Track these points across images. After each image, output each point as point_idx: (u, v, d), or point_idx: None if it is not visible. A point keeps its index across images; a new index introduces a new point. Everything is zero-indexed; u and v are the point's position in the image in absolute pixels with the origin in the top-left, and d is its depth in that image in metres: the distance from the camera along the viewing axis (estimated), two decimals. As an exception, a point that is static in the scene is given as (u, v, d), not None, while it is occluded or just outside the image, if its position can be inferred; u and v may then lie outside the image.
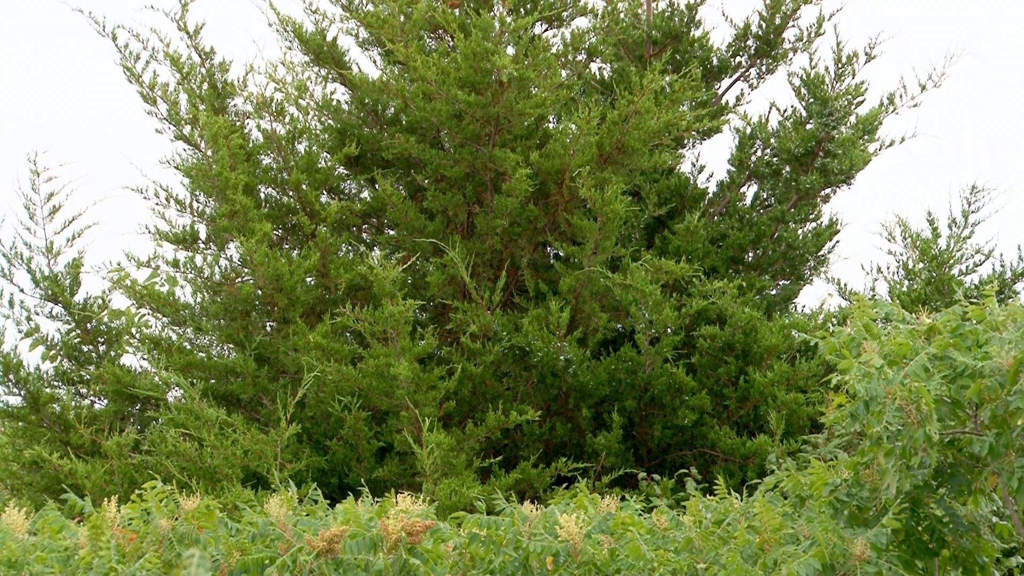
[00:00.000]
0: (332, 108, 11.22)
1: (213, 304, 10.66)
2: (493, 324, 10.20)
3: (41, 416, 10.45)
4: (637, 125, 10.45)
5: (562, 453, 10.12)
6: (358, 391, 9.79)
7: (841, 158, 11.27)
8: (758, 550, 6.84)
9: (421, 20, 10.71)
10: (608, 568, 6.84)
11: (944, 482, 6.95)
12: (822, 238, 11.53)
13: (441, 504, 8.61)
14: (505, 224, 10.45)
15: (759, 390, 10.15)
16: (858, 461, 7.18)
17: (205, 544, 6.96)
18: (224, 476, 9.28)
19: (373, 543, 6.87)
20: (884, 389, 6.80)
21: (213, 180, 10.40)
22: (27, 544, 7.02)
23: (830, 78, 11.43)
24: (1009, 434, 6.68)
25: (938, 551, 7.15)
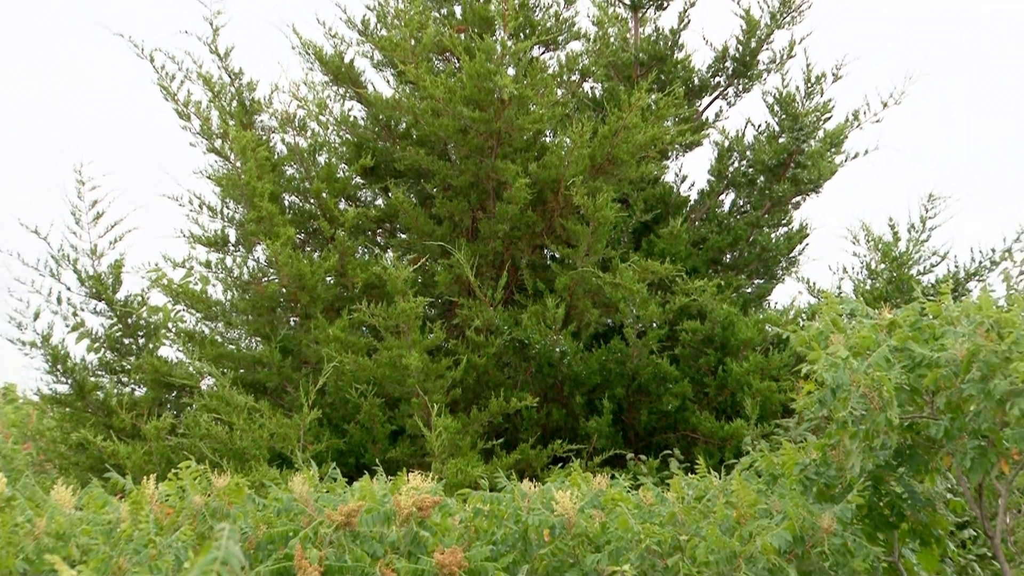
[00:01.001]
0: (349, 123, 11.21)
1: (242, 301, 10.66)
2: (495, 319, 10.20)
3: (86, 402, 10.45)
4: (625, 139, 10.45)
5: (558, 436, 10.13)
6: (373, 380, 9.79)
7: (810, 169, 11.26)
8: (735, 523, 6.84)
9: (430, 44, 10.72)
10: (599, 539, 6.84)
11: (903, 462, 6.96)
12: (793, 241, 11.53)
13: (448, 482, 8.61)
14: (506, 229, 10.45)
15: (736, 379, 10.16)
16: (825, 443, 7.18)
17: (235, 518, 6.96)
18: (252, 456, 9.29)
19: (387, 517, 6.87)
20: (849, 378, 6.81)
21: (242, 189, 10.40)
22: (74, 518, 7.03)
23: (800, 96, 11.43)
24: (962, 419, 6.69)
25: (898, 524, 7.16)
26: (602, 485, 7.46)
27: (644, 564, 6.63)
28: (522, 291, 10.76)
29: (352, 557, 6.64)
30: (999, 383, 6.51)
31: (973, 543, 7.74)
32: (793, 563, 6.73)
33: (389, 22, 11.18)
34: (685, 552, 6.72)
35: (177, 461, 8.54)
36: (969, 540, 7.75)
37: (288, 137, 11.12)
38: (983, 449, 6.67)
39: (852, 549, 6.88)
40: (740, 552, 6.68)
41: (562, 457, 9.80)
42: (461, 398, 10.02)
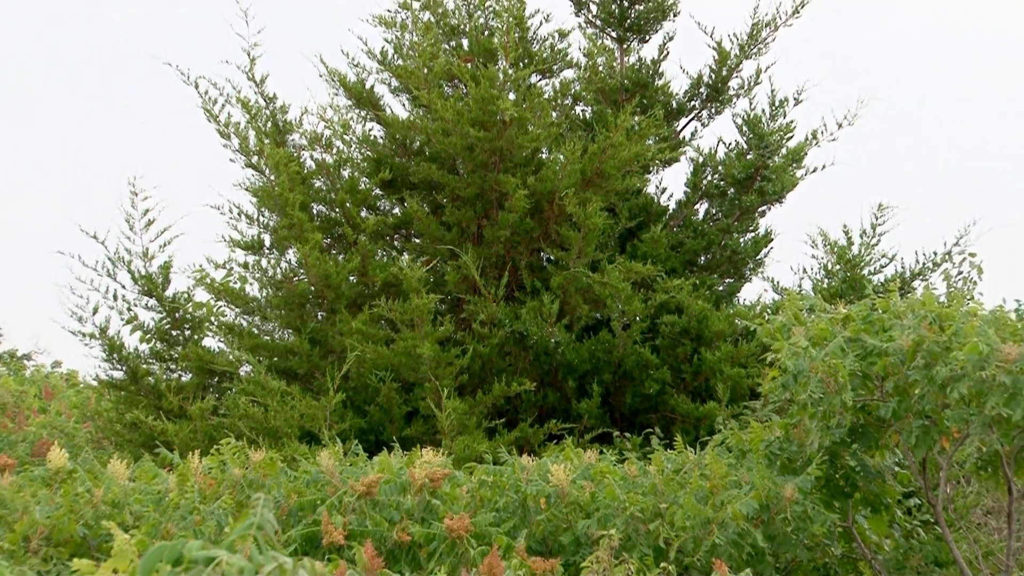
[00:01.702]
0: (370, 142, 11.22)
1: (275, 298, 10.66)
2: (498, 313, 10.21)
3: (139, 387, 10.46)
4: (612, 156, 10.46)
5: (553, 416, 10.13)
6: (390, 367, 9.80)
7: (774, 182, 11.26)
8: (708, 493, 6.85)
9: (440, 72, 10.72)
10: (589, 507, 6.84)
11: (856, 439, 6.96)
12: (759, 245, 11.52)
13: (456, 456, 8.62)
14: (507, 234, 10.46)
15: (709, 366, 10.16)
16: (788, 422, 7.19)
17: (269, 488, 6.97)
18: (284, 434, 9.30)
19: (403, 487, 6.88)
20: (809, 365, 6.81)
21: (275, 199, 10.40)
22: (127, 488, 7.04)
23: (765, 118, 11.41)
24: (908, 401, 6.70)
25: (852, 494, 7.17)
26: (592, 459, 7.47)
27: (629, 529, 6.64)
28: (521, 289, 10.76)
29: (372, 522, 6.65)
30: (940, 370, 6.52)
31: (918, 510, 7.74)
32: (759, 528, 6.74)
33: (405, 53, 11.18)
34: (664, 518, 6.72)
35: (218, 438, 8.53)
36: (914, 508, 7.76)
37: (316, 154, 11.13)
38: (926, 428, 6.68)
39: (811, 515, 6.89)
40: (713, 518, 6.69)
41: (556, 434, 9.81)
42: (468, 383, 10.03)
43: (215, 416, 9.79)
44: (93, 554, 6.36)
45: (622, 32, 11.86)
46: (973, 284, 11.18)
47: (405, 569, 6.28)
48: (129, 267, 10.54)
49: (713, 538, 6.59)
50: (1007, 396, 6.42)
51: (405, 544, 6.54)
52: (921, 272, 11.08)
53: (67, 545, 6.52)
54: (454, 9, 11.42)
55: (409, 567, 6.36)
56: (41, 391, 14.41)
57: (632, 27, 11.84)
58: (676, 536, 6.63)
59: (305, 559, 3.97)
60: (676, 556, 6.52)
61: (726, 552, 6.51)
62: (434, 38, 10.96)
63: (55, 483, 7.26)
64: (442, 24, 11.32)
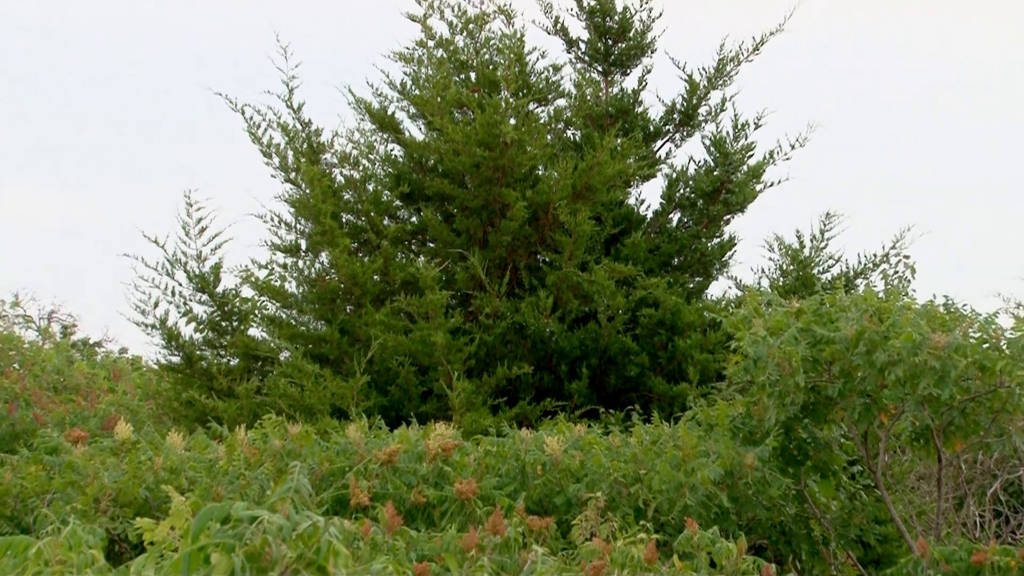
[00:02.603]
0: (391, 160, 11.20)
1: (310, 294, 10.66)
2: (500, 307, 10.20)
3: (193, 370, 10.46)
4: (598, 172, 10.45)
5: (547, 395, 10.11)
6: (409, 353, 9.79)
7: (737, 194, 11.24)
8: (681, 461, 6.84)
9: (451, 100, 10.70)
10: (579, 473, 6.84)
11: (808, 414, 6.96)
12: (724, 249, 11.49)
13: (465, 430, 8.60)
14: (508, 239, 10.45)
15: (682, 352, 10.15)
16: (749, 400, 7.19)
17: (304, 457, 6.97)
18: (318, 411, 9.29)
19: (419, 456, 6.87)
20: (767, 352, 6.81)
21: (310, 210, 10.40)
22: (183, 457, 7.04)
23: (730, 140, 11.39)
24: (852, 382, 6.70)
25: (803, 462, 7.16)
26: (581, 432, 7.46)
27: (613, 492, 6.63)
28: (521, 286, 10.75)
29: (393, 486, 6.65)
30: (879, 356, 6.52)
31: (860, 476, 7.74)
32: (725, 491, 6.73)
33: (421, 84, 11.16)
34: (643, 483, 6.71)
35: (261, 414, 8.53)
36: (857, 474, 7.76)
37: (345, 171, 11.10)
38: (868, 405, 6.68)
39: (769, 480, 6.88)
40: (685, 483, 6.68)
41: (551, 411, 9.79)
42: (475, 367, 10.02)
43: (258, 395, 9.78)
44: (154, 514, 6.35)
45: (607, 66, 11.84)
46: (907, 282, 11.18)
47: (421, 527, 6.27)
48: (185, 268, 10.54)
49: (685, 500, 6.59)
50: (937, 378, 6.43)
51: (421, 505, 6.54)
52: (863, 271, 11.07)
53: (131, 506, 6.52)
54: (463, 47, 11.39)
55: (424, 525, 6.35)
56: (110, 374, 14.41)
57: (615, 62, 11.82)
58: (653, 498, 6.62)
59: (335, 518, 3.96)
60: (653, 515, 6.51)
61: (696, 512, 6.51)
62: (446, 72, 10.95)
63: (121, 452, 7.26)
64: (452, 59, 11.29)
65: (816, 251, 11.02)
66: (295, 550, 3.28)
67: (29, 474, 6.83)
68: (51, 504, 6.49)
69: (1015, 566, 6.05)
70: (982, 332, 6.83)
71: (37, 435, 8.09)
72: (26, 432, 9.61)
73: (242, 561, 3.23)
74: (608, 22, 11.62)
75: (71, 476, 6.78)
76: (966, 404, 6.58)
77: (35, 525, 6.27)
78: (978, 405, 6.62)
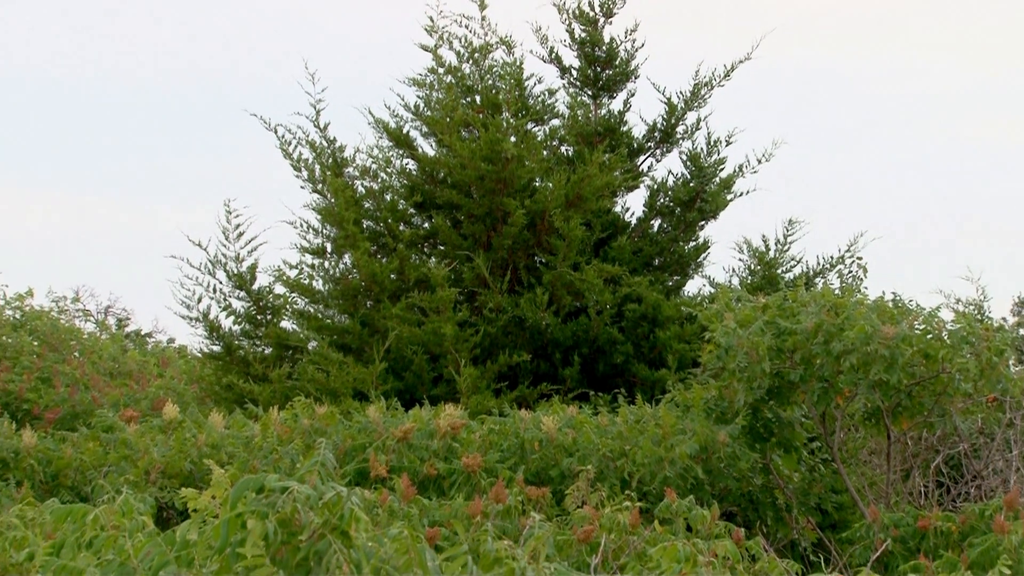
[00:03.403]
0: (405, 173, 11.18)
1: (334, 291, 10.64)
2: (502, 303, 10.19)
3: (232, 358, 10.45)
4: (588, 184, 10.44)
5: (544, 380, 10.09)
6: (421, 343, 9.78)
7: (711, 203, 11.21)
8: (661, 438, 6.83)
9: (459, 120, 10.68)
10: (571, 448, 6.83)
11: (773, 397, 6.95)
12: (699, 251, 11.46)
13: (471, 411, 8.59)
14: (509, 243, 10.43)
15: (662, 342, 10.13)
16: (721, 384, 7.17)
17: (330, 434, 6.96)
18: (341, 394, 9.28)
19: (431, 433, 6.87)
20: (737, 342, 6.80)
21: (334, 217, 10.38)
22: (223, 434, 7.04)
23: (704, 155, 11.34)
24: (812, 368, 6.69)
25: (769, 438, 7.15)
26: (573, 413, 7.45)
27: (601, 465, 6.62)
28: (520, 284, 10.74)
29: (407, 460, 6.64)
30: (835, 345, 6.51)
31: (819, 451, 7.73)
32: (700, 464, 6.73)
33: (432, 106, 11.13)
34: (628, 457, 6.71)
35: (292, 396, 8.52)
36: (816, 449, 7.75)
37: (365, 182, 11.07)
38: (825, 389, 6.68)
39: (739, 455, 6.88)
40: (664, 457, 6.67)
41: (547, 394, 9.78)
42: (480, 355, 10.00)
43: (289, 380, 9.78)
44: (197, 484, 6.34)
45: (595, 91, 11.81)
46: (860, 280, 11.18)
47: (432, 496, 6.26)
48: (225, 268, 10.53)
49: (665, 472, 6.59)
50: (886, 365, 6.42)
51: (432, 477, 6.54)
52: (821, 271, 11.05)
53: (177, 477, 6.52)
54: (469, 73, 11.36)
55: (435, 494, 6.35)
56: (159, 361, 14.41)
57: (603, 87, 11.79)
58: (637, 470, 6.62)
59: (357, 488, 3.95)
60: (637, 486, 6.51)
61: (675, 483, 6.50)
62: (454, 95, 10.92)
63: (169, 431, 7.26)
64: (460, 85, 11.26)
65: (780, 253, 11.00)
66: (321, 517, 3.27)
67: (87, 449, 6.84)
68: (107, 476, 6.50)
69: (955, 530, 6.05)
70: (926, 324, 6.84)
71: (95, 415, 8.09)
72: (85, 412, 9.62)
73: (274, 527, 3.23)
74: (596, 52, 11.60)
75: (124, 451, 6.78)
76: (912, 388, 6.59)
77: (92, 494, 6.26)
78: (922, 389, 6.62)
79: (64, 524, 4.26)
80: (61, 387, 10.53)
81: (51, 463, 6.61)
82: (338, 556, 3.22)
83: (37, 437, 6.76)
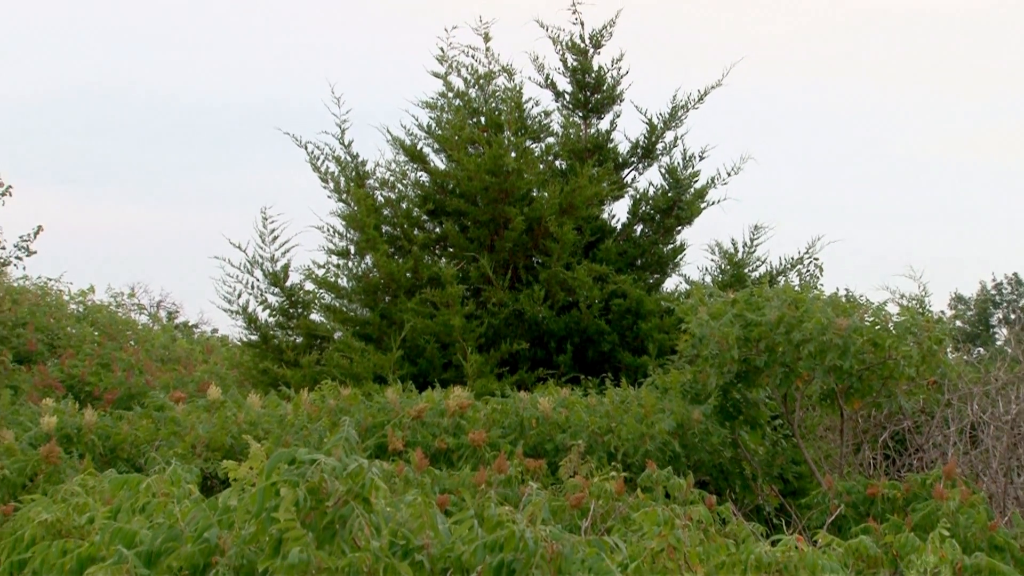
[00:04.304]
0: (419, 184, 11.15)
1: (357, 287, 10.62)
2: (504, 298, 10.17)
3: (267, 346, 10.43)
4: (579, 194, 10.42)
5: (540, 365, 10.08)
6: (433, 333, 9.77)
7: (686, 211, 11.18)
8: (643, 416, 6.83)
9: (466, 138, 10.66)
10: (564, 425, 6.82)
11: (741, 380, 6.93)
12: (676, 253, 11.42)
13: (476, 392, 8.58)
14: (510, 245, 10.42)
15: (644, 333, 10.12)
16: (695, 369, 7.16)
17: (353, 413, 6.96)
18: (363, 377, 9.27)
19: (441, 412, 6.87)
20: (709, 332, 6.79)
21: (357, 223, 10.37)
22: (260, 413, 7.03)
23: (680, 169, 11.31)
24: (775, 355, 6.67)
25: (737, 416, 7.14)
26: (566, 394, 7.45)
27: (590, 439, 6.62)
28: (519, 281, 10.72)
29: (421, 436, 6.64)
30: (795, 335, 6.50)
31: (781, 427, 7.72)
32: (677, 439, 6.72)
33: (442, 126, 11.09)
34: (614, 433, 6.71)
35: (320, 380, 8.52)
36: (779, 425, 7.74)
37: (384, 192, 11.05)
38: (786, 373, 6.66)
39: (711, 431, 6.88)
40: (646, 433, 6.67)
41: (543, 378, 9.76)
42: (484, 344, 9.99)
43: (317, 365, 9.76)
44: (237, 457, 6.34)
45: (586, 112, 11.77)
46: (817, 278, 11.17)
47: (443, 467, 6.26)
48: (261, 267, 10.51)
49: (646, 446, 6.58)
50: (840, 352, 6.42)
51: (443, 450, 6.53)
52: (783, 270, 11.03)
53: (219, 450, 6.51)
54: (475, 97, 11.34)
55: (445, 466, 6.35)
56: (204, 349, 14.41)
57: (592, 109, 11.76)
58: (622, 445, 6.61)
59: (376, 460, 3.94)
60: (622, 458, 6.50)
61: (655, 455, 6.50)
62: (461, 116, 10.90)
63: (212, 410, 7.25)
64: (467, 107, 11.23)
65: (747, 254, 10.98)
66: (345, 485, 3.27)
67: (141, 426, 6.83)
68: (158, 449, 6.49)
69: (900, 497, 6.06)
70: (874, 317, 6.84)
71: (148, 396, 8.09)
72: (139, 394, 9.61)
73: (304, 494, 3.22)
74: (587, 78, 11.57)
75: (173, 428, 6.77)
76: (862, 372, 6.58)
77: (146, 465, 6.26)
78: (871, 373, 6.61)
79: (120, 492, 4.26)
80: (118, 372, 10.53)
81: (109, 438, 6.60)
82: (360, 520, 3.22)
83: (97, 415, 6.76)
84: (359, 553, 3.16)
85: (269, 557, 3.17)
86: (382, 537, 3.27)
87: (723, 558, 4.03)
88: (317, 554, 3.13)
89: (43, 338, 11.88)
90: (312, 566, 3.10)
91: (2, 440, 5.98)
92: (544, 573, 3.20)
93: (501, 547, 3.29)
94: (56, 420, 6.42)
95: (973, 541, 5.29)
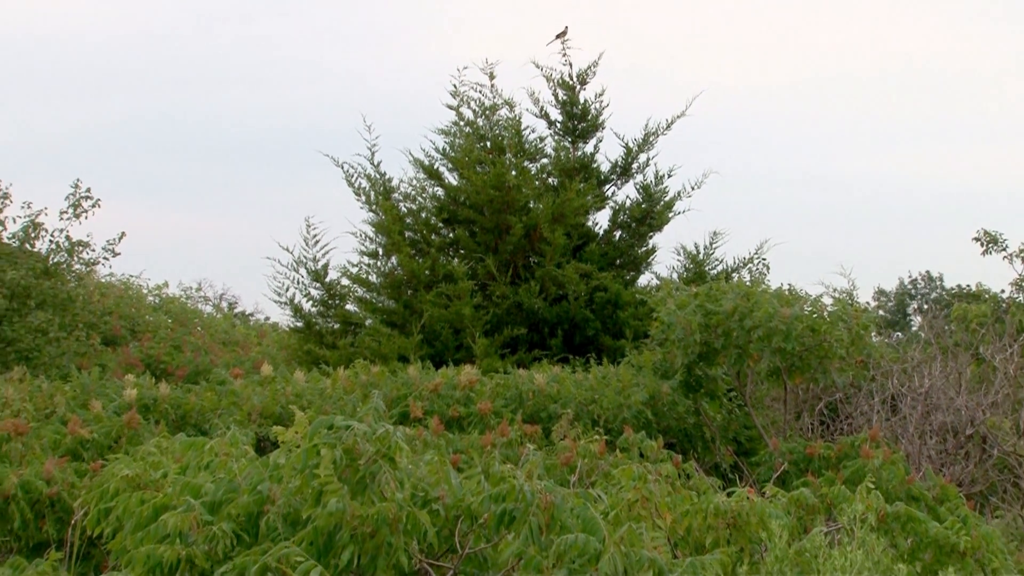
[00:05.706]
0: (436, 198, 11.13)
1: (385, 282, 10.61)
2: (506, 292, 10.15)
3: (310, 331, 10.42)
4: (568, 205, 10.40)
5: (536, 347, 10.06)
6: (447, 320, 9.76)
7: (657, 219, 11.14)
8: (621, 389, 6.82)
9: (475, 159, 10.65)
10: (556, 397, 6.81)
11: (702, 359, 6.92)
12: (648, 254, 11.38)
13: (483, 370, 8.56)
14: (511, 248, 10.41)
15: (622, 320, 10.11)
16: (664, 351, 7.15)
17: (381, 387, 6.95)
18: (390, 358, 9.26)
19: (454, 386, 6.85)
20: (676, 319, 6.78)
21: (385, 229, 10.36)
22: (304, 387, 7.02)
23: (652, 184, 11.27)
24: (730, 339, 6.66)
25: (699, 389, 7.13)
26: (557, 371, 7.44)
27: (577, 408, 6.61)
28: (519, 278, 10.69)
29: (437, 406, 6.63)
30: (747, 322, 6.49)
31: (735, 398, 7.71)
32: (649, 408, 6.71)
33: (455, 149, 11.07)
34: (597, 403, 6.69)
35: (354, 359, 8.51)
36: (734, 396, 7.73)
37: (407, 204, 11.03)
38: (740, 354, 6.65)
39: (677, 401, 6.87)
40: (623, 403, 6.66)
41: (538, 358, 9.75)
42: (490, 329, 9.97)
43: (352, 347, 9.75)
44: (285, 423, 6.33)
45: (574, 138, 11.73)
46: (764, 275, 11.13)
47: (455, 432, 6.25)
48: (305, 266, 10.50)
49: (623, 414, 6.58)
50: (783, 336, 6.41)
51: (456, 418, 6.52)
52: (737, 268, 11.00)
53: (271, 418, 6.50)
54: (482, 125, 11.31)
55: (457, 431, 6.34)
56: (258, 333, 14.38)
57: (579, 135, 11.71)
58: (603, 413, 6.61)
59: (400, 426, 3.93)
60: (603, 424, 6.50)
61: (631, 422, 6.50)
62: (471, 141, 10.88)
63: (265, 384, 7.24)
64: (475, 133, 11.19)
65: (707, 255, 10.96)
66: (375, 447, 3.26)
67: (206, 398, 6.82)
68: (220, 416, 6.48)
69: (833, 456, 6.05)
70: (812, 307, 6.83)
71: (211, 372, 8.07)
72: (205, 371, 9.59)
73: (340, 454, 3.22)
74: (574, 110, 11.55)
75: (233, 399, 6.77)
76: (802, 353, 6.57)
77: (210, 430, 6.25)
78: (810, 353, 6.61)
79: (189, 452, 4.26)
80: (188, 352, 10.51)
81: (180, 407, 6.60)
82: (387, 475, 3.22)
83: (170, 389, 6.75)
84: (386, 503, 3.16)
85: (311, 506, 3.17)
86: (405, 490, 3.26)
87: (687, 507, 4.03)
88: (351, 504, 3.13)
89: (126, 324, 11.87)
90: (347, 513, 3.10)
91: (92, 409, 5.97)
92: (539, 519, 3.20)
93: (504, 498, 3.29)
94: (136, 392, 6.41)
95: (894, 492, 5.29)
